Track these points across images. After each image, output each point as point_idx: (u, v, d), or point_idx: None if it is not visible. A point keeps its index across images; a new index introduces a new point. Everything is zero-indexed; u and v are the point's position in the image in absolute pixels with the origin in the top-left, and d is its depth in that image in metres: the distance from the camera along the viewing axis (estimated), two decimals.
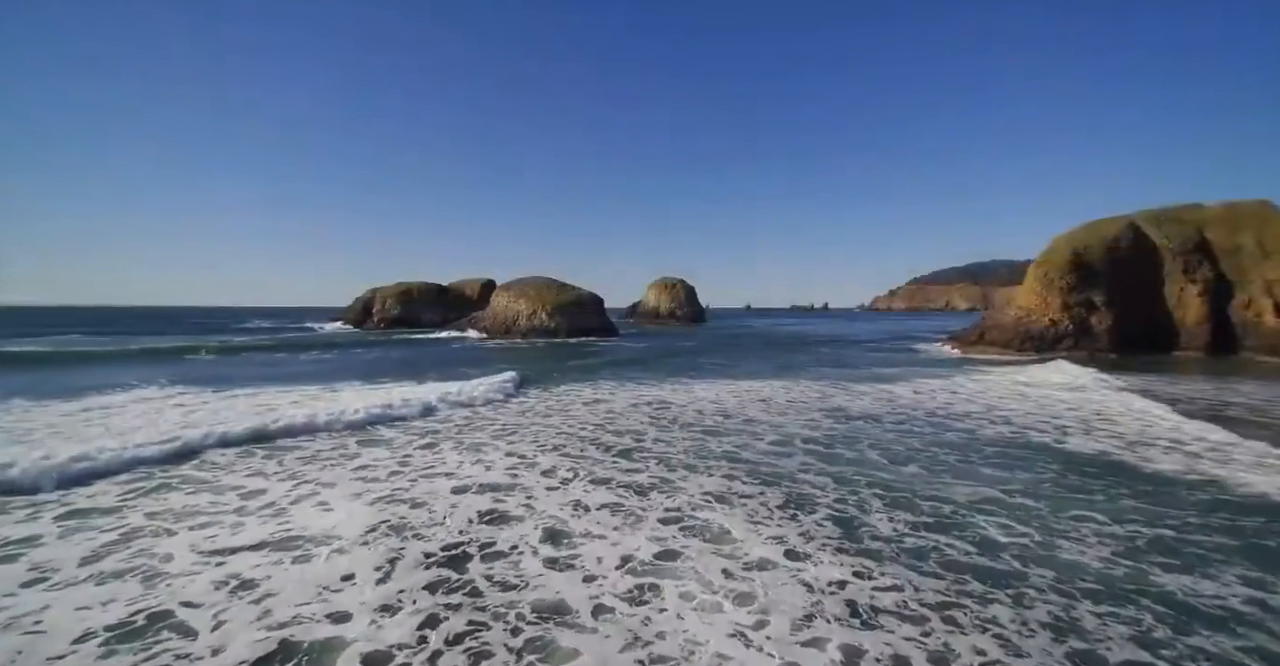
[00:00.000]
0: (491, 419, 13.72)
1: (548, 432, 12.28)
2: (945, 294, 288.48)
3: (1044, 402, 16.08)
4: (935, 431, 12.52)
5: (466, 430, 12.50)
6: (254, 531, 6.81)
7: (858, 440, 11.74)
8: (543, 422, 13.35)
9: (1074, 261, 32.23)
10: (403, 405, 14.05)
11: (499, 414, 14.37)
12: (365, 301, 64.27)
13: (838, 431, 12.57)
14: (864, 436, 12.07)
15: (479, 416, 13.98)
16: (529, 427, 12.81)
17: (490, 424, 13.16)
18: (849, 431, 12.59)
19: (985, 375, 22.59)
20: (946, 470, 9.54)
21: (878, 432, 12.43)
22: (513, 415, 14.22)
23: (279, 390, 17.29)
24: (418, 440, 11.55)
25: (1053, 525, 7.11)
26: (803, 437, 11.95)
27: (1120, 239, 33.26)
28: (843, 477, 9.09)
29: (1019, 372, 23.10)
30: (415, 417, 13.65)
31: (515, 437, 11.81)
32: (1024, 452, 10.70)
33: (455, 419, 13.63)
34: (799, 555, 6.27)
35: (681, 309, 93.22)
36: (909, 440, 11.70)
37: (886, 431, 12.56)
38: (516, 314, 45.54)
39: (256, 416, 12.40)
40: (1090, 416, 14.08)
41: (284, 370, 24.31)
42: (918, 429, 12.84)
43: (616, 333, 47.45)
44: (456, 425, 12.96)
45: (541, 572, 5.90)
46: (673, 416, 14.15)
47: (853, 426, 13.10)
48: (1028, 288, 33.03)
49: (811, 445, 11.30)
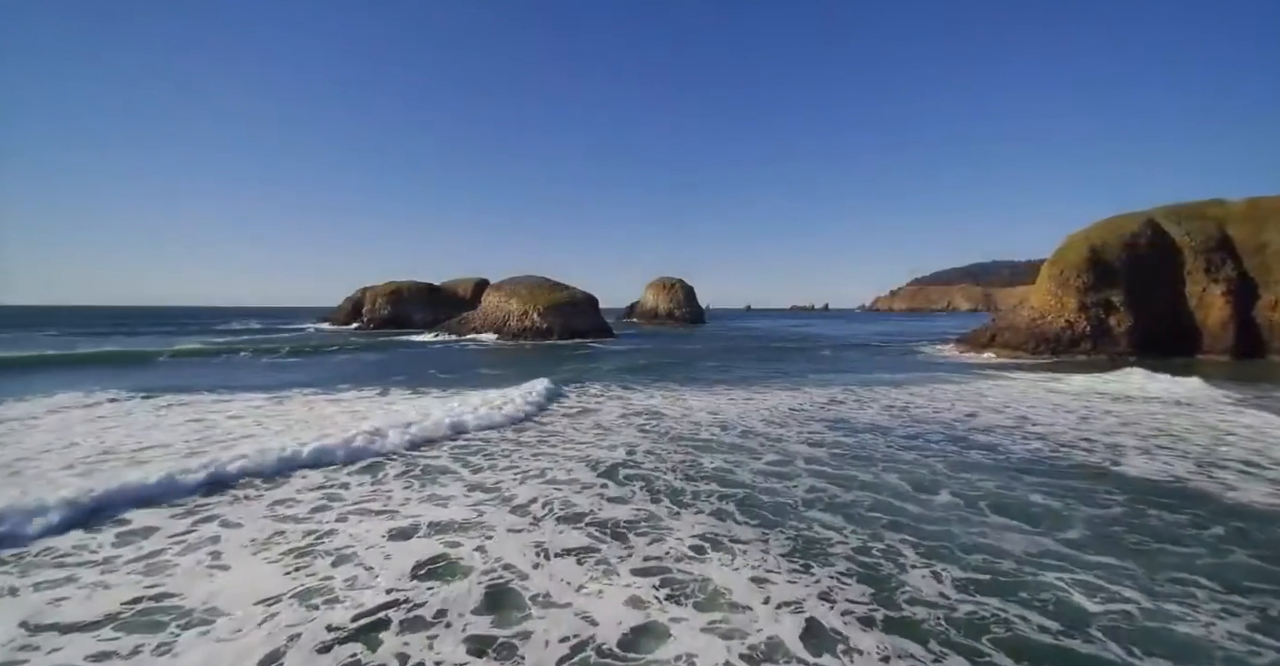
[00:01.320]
0: (448, 437, 12.15)
1: (520, 452, 10.70)
2: (947, 294, 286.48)
3: (1087, 414, 14.46)
4: (960, 450, 10.95)
5: (419, 454, 10.94)
6: (103, 601, 5.21)
7: (871, 459, 10.18)
8: (514, 439, 11.78)
9: (1091, 259, 30.69)
10: (352, 436, 11.87)
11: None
12: (355, 301, 62.73)
13: (846, 448, 11.01)
14: (878, 455, 10.50)
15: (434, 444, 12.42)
16: (497, 444, 11.23)
17: (449, 442, 11.60)
18: (859, 448, 11.03)
19: (1008, 381, 21.00)
20: (988, 501, 7.97)
21: (893, 450, 10.86)
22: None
23: (216, 399, 15.76)
24: (355, 479, 9.99)
25: (1150, 586, 5.53)
26: (807, 456, 10.40)
27: (1139, 236, 31.72)
28: (859, 513, 7.53)
29: (1052, 380, 21.45)
30: (362, 453, 12.09)
31: (479, 459, 10.24)
32: (1078, 479, 9.12)
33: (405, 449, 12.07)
34: (824, 632, 4.70)
35: (680, 309, 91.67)
36: (932, 461, 10.13)
37: (903, 449, 11.00)
38: (507, 314, 43.91)
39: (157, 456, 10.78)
40: (1148, 431, 12.51)
41: (238, 377, 22.76)
42: (938, 445, 11.28)
43: (611, 334, 45.86)
44: (408, 461, 11.39)
45: (463, 663, 4.33)
46: (664, 429, 12.58)
47: (862, 441, 11.54)
48: (1041, 287, 31.47)
49: (818, 466, 9.74)
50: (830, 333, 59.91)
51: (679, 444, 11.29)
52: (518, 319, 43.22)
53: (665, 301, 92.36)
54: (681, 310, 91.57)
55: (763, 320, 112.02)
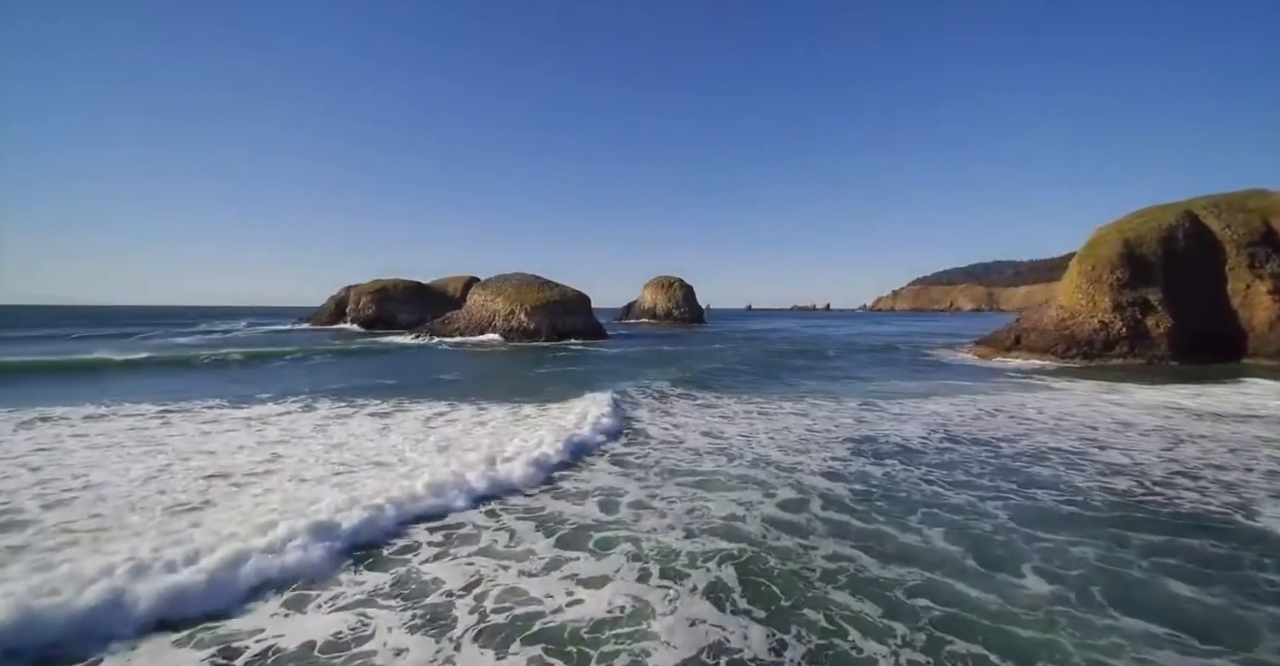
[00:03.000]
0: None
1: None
2: (949, 295, 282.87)
3: (1172, 437, 11.80)
4: (1019, 488, 8.40)
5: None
6: None
7: (908, 503, 7.66)
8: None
9: (1125, 254, 28.07)
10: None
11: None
12: (339, 300, 60.20)
13: (874, 484, 8.47)
14: (916, 496, 7.96)
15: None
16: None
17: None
18: (890, 484, 8.49)
19: (1050, 392, 18.39)
20: (1099, 586, 5.39)
21: (935, 489, 8.31)
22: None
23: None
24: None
25: None
26: (824, 492, 7.88)
27: (1176, 229, 29.10)
28: (903, 602, 5.00)
29: (1108, 391, 18.77)
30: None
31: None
32: (1210, 539, 6.53)
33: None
34: None
35: (679, 309, 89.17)
36: (989, 507, 7.58)
37: (947, 486, 8.44)
38: (493, 314, 41.30)
39: None
40: (1272, 463, 9.92)
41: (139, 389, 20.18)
42: (990, 481, 8.72)
43: (604, 335, 43.26)
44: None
45: None
46: (653, 460, 10.01)
47: (893, 474, 8.99)
48: (1071, 285, 28.84)
49: (840, 514, 7.21)
50: (835, 334, 57.27)
51: (675, 480, 8.75)
52: (504, 319, 40.60)
53: (664, 301, 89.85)
54: (680, 310, 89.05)
55: (764, 320, 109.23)
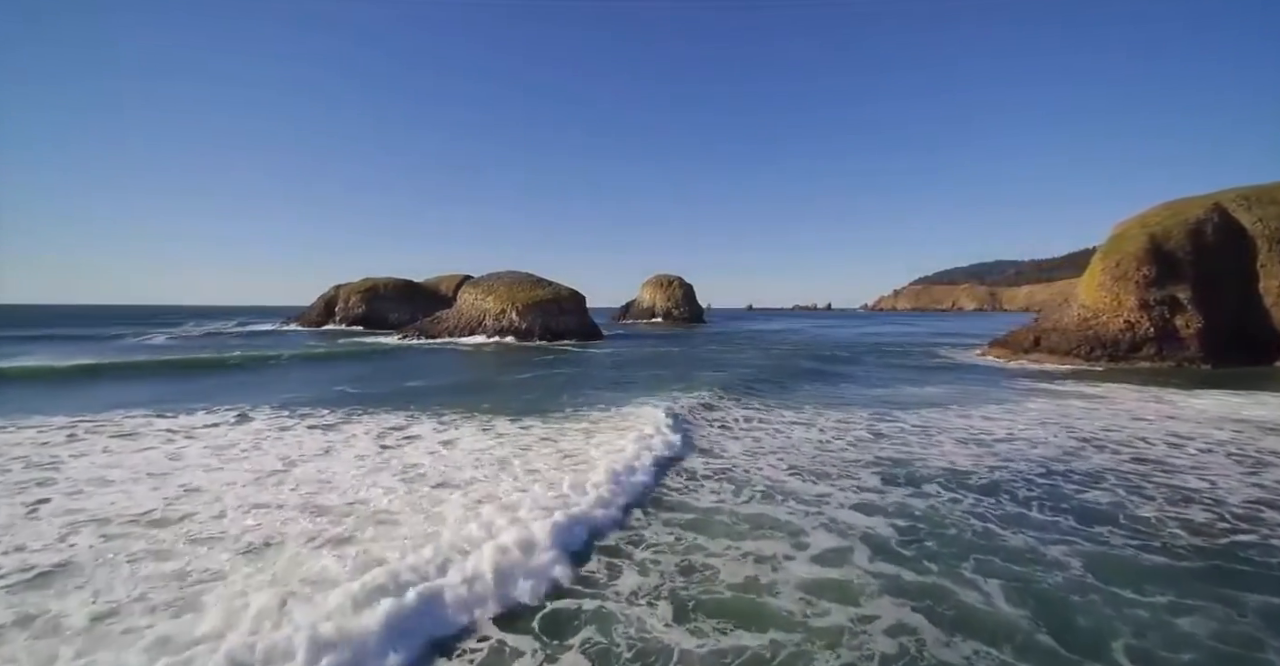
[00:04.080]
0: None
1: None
2: (951, 294, 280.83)
3: (1253, 457, 10.00)
4: (1085, 526, 6.69)
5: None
6: None
7: (959, 545, 5.99)
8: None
9: (1152, 250, 26.36)
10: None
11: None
12: (328, 299, 58.45)
13: (918, 521, 6.77)
14: (966, 535, 6.29)
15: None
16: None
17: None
18: (934, 519, 6.79)
19: (1088, 401, 16.66)
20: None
21: (986, 526, 6.63)
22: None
23: None
24: None
25: None
26: (864, 533, 6.16)
27: (1205, 223, 27.40)
28: None
29: (1153, 400, 17.02)
30: None
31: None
32: None
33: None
34: None
35: (679, 308, 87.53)
36: (1053, 549, 5.92)
37: (1001, 523, 6.75)
38: (483, 313, 39.58)
39: None
40: None
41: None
42: (1050, 516, 7.02)
43: (600, 336, 41.56)
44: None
45: None
46: (642, 489, 8.29)
47: (937, 508, 7.26)
48: (1093, 282, 27.13)
49: (886, 563, 5.49)
50: (839, 335, 55.54)
51: (666, 519, 7.03)
52: (494, 318, 38.89)
53: (663, 300, 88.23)
54: (680, 309, 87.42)
55: (765, 321, 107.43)
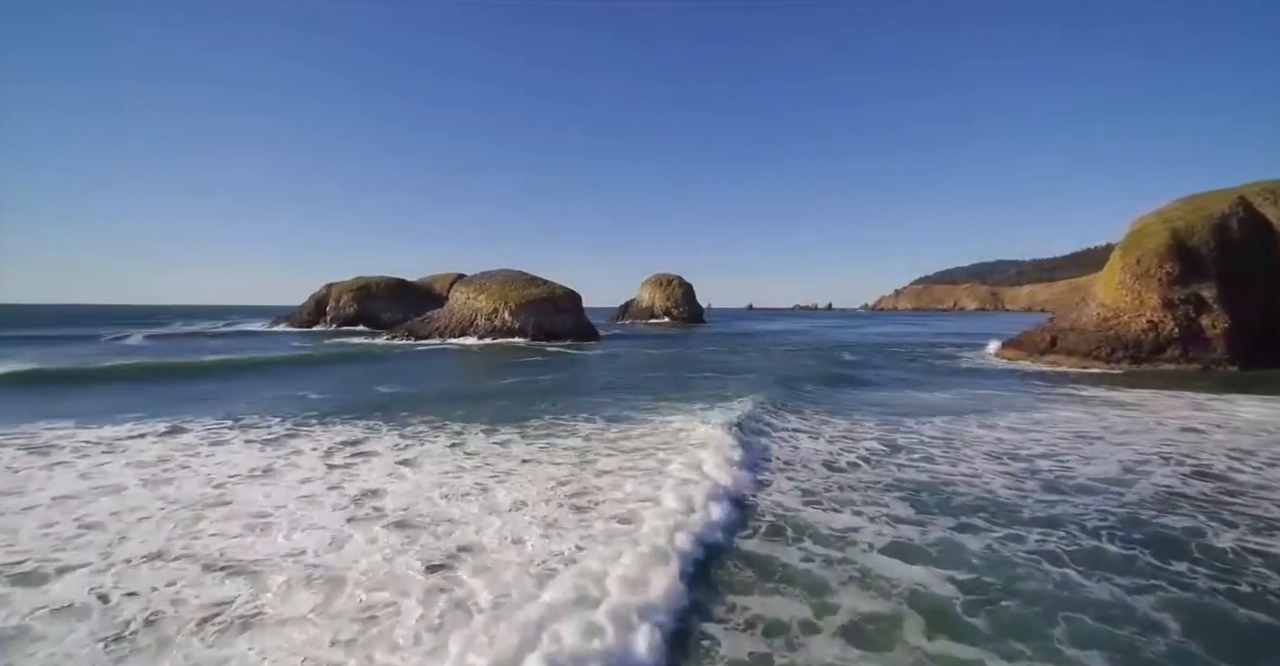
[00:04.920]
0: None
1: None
2: (953, 294, 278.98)
3: None
4: (1165, 560, 5.41)
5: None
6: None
7: (1040, 606, 4.60)
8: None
9: (1175, 246, 25.01)
10: None
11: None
12: (319, 298, 57.15)
13: (983, 573, 5.38)
14: (1045, 586, 4.91)
15: None
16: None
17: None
18: (996, 566, 5.42)
19: (1121, 409, 15.31)
20: None
21: (1062, 571, 5.27)
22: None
23: None
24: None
25: None
26: (917, 595, 4.80)
27: (1229, 218, 26.06)
28: None
29: (1193, 407, 15.68)
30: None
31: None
32: None
33: None
34: None
35: (678, 308, 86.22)
36: (1143, 601, 4.67)
37: (1077, 566, 5.40)
38: (474, 313, 38.24)
39: None
40: None
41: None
42: (1123, 546, 5.70)
43: (596, 336, 40.22)
44: None
45: None
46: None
47: (992, 547, 5.91)
48: (1113, 280, 25.78)
49: (955, 644, 4.14)
50: (842, 336, 54.20)
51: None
52: (486, 318, 37.56)
53: (662, 299, 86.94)
54: (679, 309, 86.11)
55: (766, 321, 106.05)
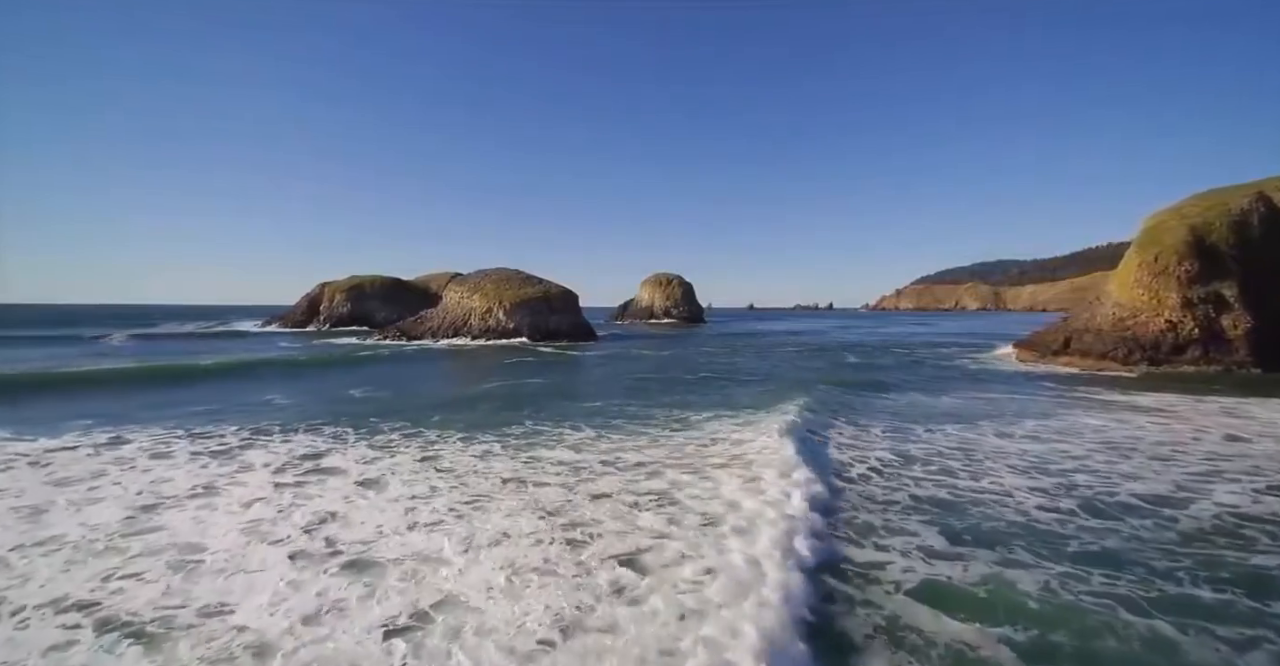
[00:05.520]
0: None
1: None
2: (954, 294, 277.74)
3: None
4: (1261, 601, 4.41)
5: None
6: None
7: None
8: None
9: (1193, 243, 24.02)
10: None
11: None
12: (313, 298, 56.23)
13: (1049, 626, 4.37)
14: (1138, 654, 3.95)
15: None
16: None
17: None
18: (1070, 624, 4.40)
19: (1144, 411, 14.34)
20: None
21: (1159, 626, 4.27)
22: None
23: None
24: None
25: None
26: (959, 656, 3.85)
27: (1250, 214, 25.08)
28: None
29: (1224, 413, 14.71)
30: None
31: None
32: None
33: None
34: None
35: (678, 307, 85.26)
36: (1261, 656, 3.61)
37: (1173, 618, 4.40)
38: (468, 312, 37.30)
39: None
40: None
41: None
42: (1204, 586, 4.76)
43: (593, 336, 39.28)
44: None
45: None
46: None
47: (1050, 587, 4.95)
48: (1129, 279, 24.79)
49: None
50: (845, 336, 53.20)
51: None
52: (480, 318, 36.61)
53: (662, 299, 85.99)
54: (679, 309, 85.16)
55: (766, 321, 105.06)
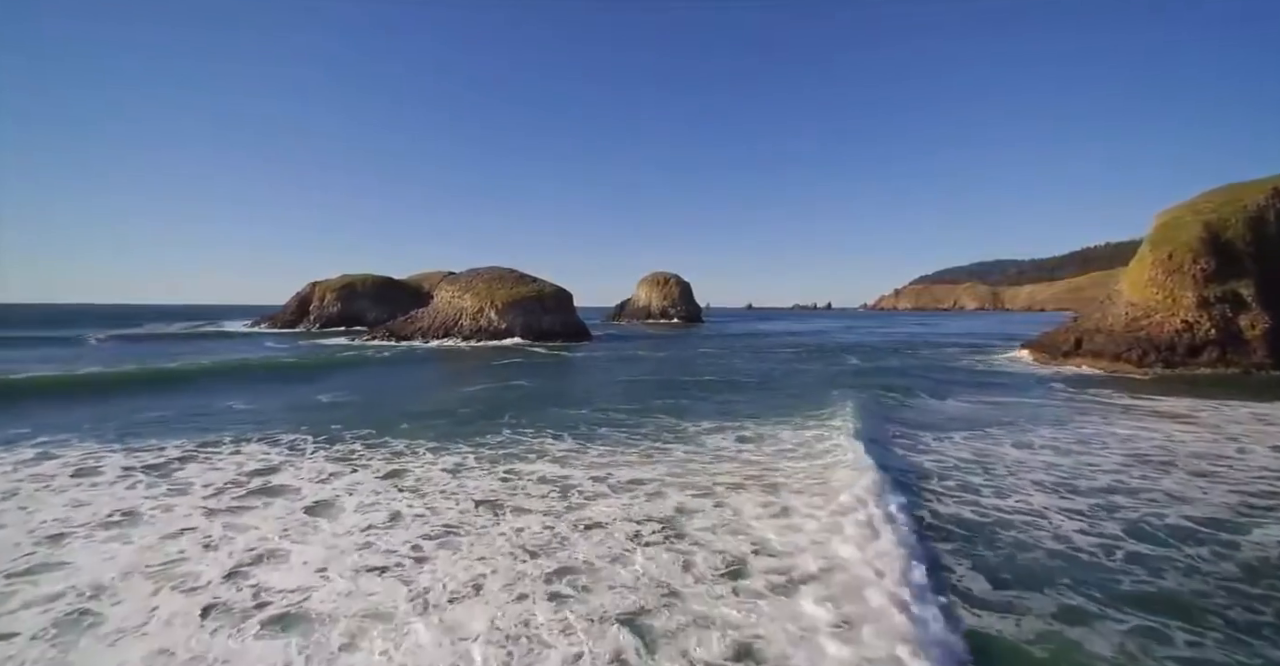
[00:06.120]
0: None
1: None
2: (953, 293, 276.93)
3: None
4: None
5: None
6: None
7: None
8: None
9: (1209, 240, 23.16)
10: None
11: None
12: (303, 297, 55.17)
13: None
14: None
15: None
16: None
17: None
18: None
19: (1171, 419, 13.42)
20: None
21: None
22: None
23: None
24: None
25: None
26: None
27: (1266, 210, 24.23)
28: None
29: (1258, 421, 13.82)
30: None
31: None
32: None
33: None
34: None
35: (675, 307, 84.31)
36: None
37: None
38: (459, 312, 36.29)
39: None
40: None
41: None
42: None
43: (587, 336, 38.32)
44: None
45: None
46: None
47: (1125, 648, 3.99)
48: (1142, 277, 23.90)
49: None
50: (847, 337, 52.28)
51: None
52: (471, 318, 35.61)
53: (659, 299, 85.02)
54: (677, 308, 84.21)
55: (765, 321, 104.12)
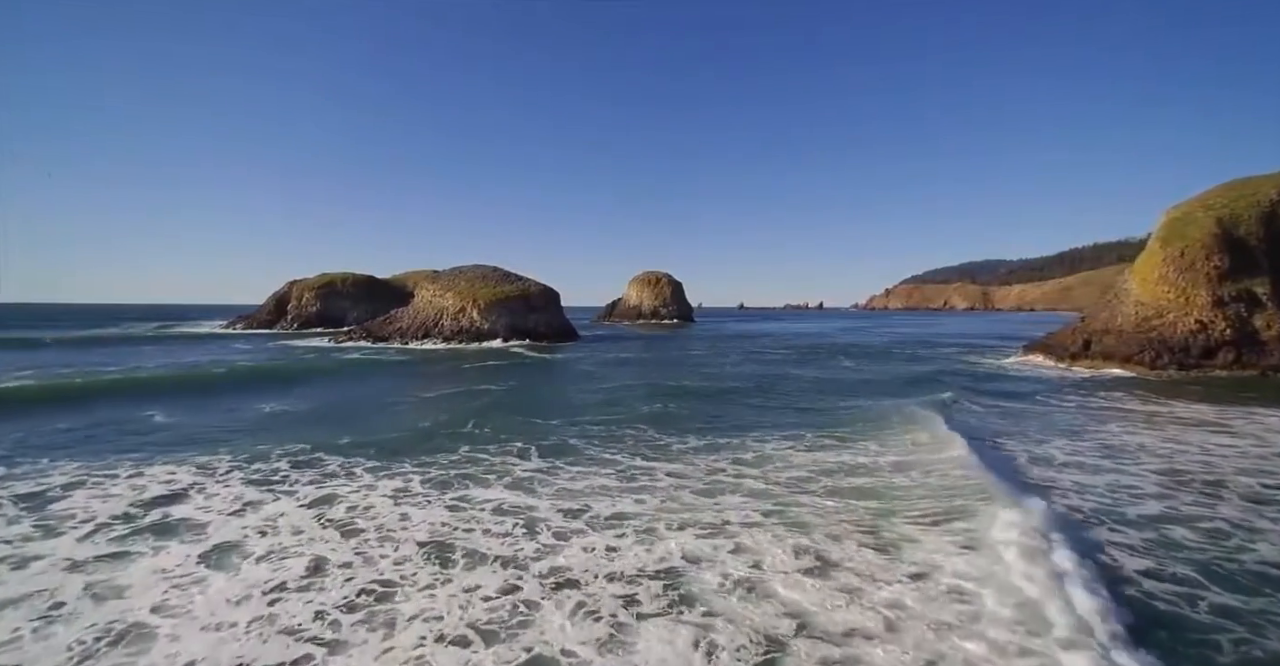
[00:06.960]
0: None
1: None
2: (943, 293, 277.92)
3: None
4: None
5: None
6: None
7: None
8: None
9: (1222, 237, 22.17)
10: None
11: None
12: (280, 297, 53.24)
13: None
14: None
15: None
16: None
17: None
18: None
19: (1197, 427, 12.24)
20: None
21: None
22: None
23: None
24: None
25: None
26: None
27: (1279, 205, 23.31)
28: None
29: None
30: None
31: None
32: None
33: None
34: None
35: (666, 307, 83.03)
36: None
37: None
38: (440, 312, 34.74)
39: None
40: None
41: None
42: None
43: (574, 336, 36.92)
44: None
45: None
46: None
47: None
48: (1153, 274, 22.87)
49: None
50: (841, 338, 51.23)
51: None
52: (452, 318, 34.07)
53: (650, 298, 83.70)
54: (668, 308, 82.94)
55: (757, 321, 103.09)
